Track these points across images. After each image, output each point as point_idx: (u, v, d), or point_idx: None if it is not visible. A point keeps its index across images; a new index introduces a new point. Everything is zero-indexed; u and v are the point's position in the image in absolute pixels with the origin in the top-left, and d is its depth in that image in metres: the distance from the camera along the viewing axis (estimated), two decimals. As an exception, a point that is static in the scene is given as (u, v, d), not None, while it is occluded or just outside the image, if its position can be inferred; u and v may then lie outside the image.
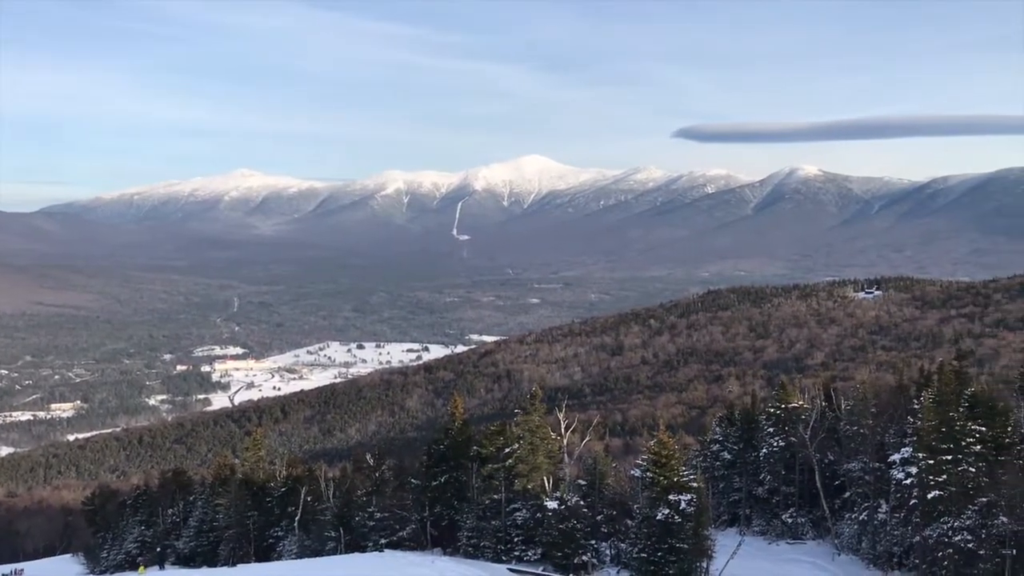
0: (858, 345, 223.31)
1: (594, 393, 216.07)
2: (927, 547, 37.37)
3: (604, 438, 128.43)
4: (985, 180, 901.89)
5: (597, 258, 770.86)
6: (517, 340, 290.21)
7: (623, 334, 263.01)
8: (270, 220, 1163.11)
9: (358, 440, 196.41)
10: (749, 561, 38.20)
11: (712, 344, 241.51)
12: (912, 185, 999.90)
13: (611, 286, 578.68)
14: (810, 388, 63.17)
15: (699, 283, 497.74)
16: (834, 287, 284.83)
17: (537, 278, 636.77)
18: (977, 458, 38.03)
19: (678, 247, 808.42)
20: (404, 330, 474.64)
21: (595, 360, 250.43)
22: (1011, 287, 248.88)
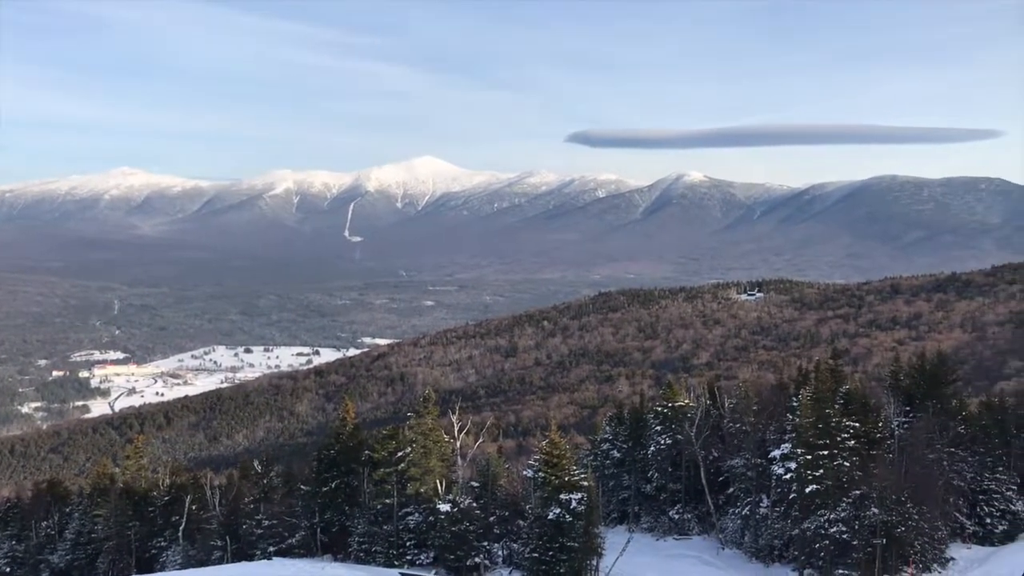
0: (741, 345, 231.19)
1: (488, 395, 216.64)
2: (805, 539, 38.96)
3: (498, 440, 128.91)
4: (859, 187, 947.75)
5: (491, 260, 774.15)
6: (411, 343, 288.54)
7: (517, 336, 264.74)
8: (153, 220, 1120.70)
9: (246, 447, 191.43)
10: (637, 557, 39.01)
11: (603, 345, 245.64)
12: (791, 192, 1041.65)
13: (505, 288, 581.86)
14: (696, 387, 64.86)
15: (591, 285, 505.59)
16: (719, 289, 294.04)
17: (431, 280, 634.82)
18: (851, 453, 39.91)
19: (571, 250, 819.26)
20: (294, 333, 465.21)
21: (489, 362, 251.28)
22: (882, 289, 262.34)
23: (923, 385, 48.68)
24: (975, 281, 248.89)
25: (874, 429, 42.82)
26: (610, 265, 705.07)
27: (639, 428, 54.12)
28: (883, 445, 43.02)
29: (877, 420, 44.08)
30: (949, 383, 50.19)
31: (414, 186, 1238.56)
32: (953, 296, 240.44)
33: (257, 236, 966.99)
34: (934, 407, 46.58)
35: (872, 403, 46.05)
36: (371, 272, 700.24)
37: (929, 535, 38.73)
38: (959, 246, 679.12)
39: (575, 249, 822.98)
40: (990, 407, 53.25)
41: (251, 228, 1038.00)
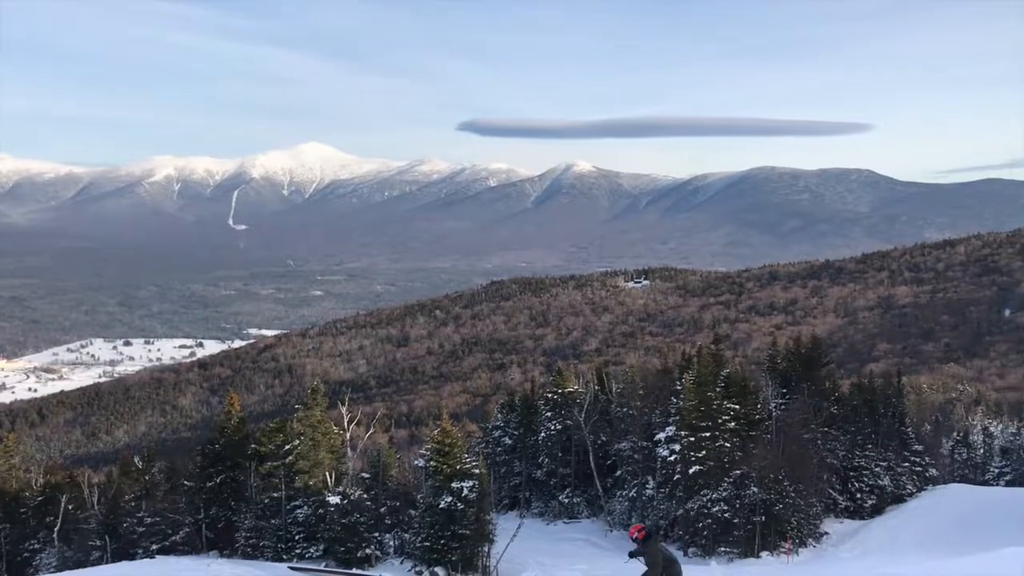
0: (629, 331, 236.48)
1: (380, 385, 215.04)
2: (689, 519, 40.26)
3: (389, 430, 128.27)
4: (739, 178, 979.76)
5: (382, 249, 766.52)
6: (299, 334, 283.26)
7: (409, 325, 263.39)
8: (23, 208, 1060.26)
9: (127, 443, 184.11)
10: (528, 543, 39.48)
11: (495, 333, 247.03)
12: (676, 182, 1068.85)
13: (397, 277, 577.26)
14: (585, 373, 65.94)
15: (483, 274, 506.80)
16: (607, 277, 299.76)
17: (320, 270, 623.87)
18: (732, 434, 41.42)
19: (463, 238, 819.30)
20: (176, 325, 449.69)
21: (381, 352, 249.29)
22: (761, 276, 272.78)
23: (799, 368, 50.85)
24: (847, 268, 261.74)
25: (753, 411, 44.49)
26: (502, 254, 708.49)
27: (530, 415, 54.72)
28: (762, 426, 44.75)
29: (756, 402, 45.80)
30: (823, 366, 52.56)
31: (301, 173, 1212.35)
32: (827, 282, 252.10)
33: (136, 224, 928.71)
34: (809, 389, 48.74)
35: (751, 386, 47.78)
36: (257, 261, 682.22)
37: (805, 511, 40.59)
38: (832, 234, 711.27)
39: (467, 238, 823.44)
40: (860, 388, 56.18)
41: (130, 216, 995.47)
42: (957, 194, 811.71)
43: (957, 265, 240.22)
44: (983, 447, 79.26)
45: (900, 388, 60.53)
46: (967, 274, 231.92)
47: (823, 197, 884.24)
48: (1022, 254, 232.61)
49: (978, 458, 78.72)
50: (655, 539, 19.39)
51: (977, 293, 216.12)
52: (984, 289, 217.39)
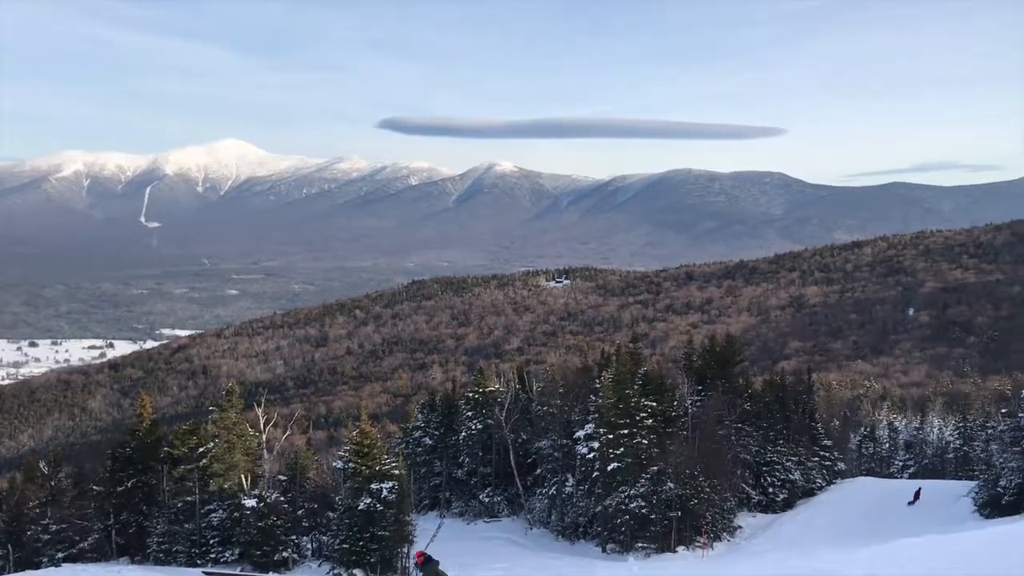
0: (550, 330, 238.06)
1: (297, 386, 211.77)
2: (607, 515, 40.73)
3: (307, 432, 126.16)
4: (657, 180, 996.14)
5: (300, 248, 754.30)
6: (214, 334, 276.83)
7: (328, 325, 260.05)
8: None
9: (32, 447, 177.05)
10: (448, 543, 39.38)
11: (417, 333, 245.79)
12: (596, 183, 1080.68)
13: (315, 276, 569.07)
14: (506, 372, 66.12)
15: (404, 273, 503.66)
16: (528, 277, 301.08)
17: (236, 268, 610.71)
18: (649, 431, 42.06)
19: (383, 237, 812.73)
20: (85, 325, 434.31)
21: (299, 352, 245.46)
22: (678, 276, 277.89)
23: (714, 366, 52.01)
24: (760, 268, 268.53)
25: (670, 408, 45.32)
26: (423, 253, 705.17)
27: (451, 414, 54.65)
28: (678, 423, 45.62)
29: (672, 399, 46.69)
30: (736, 363, 53.90)
31: (217, 170, 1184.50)
32: (741, 282, 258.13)
33: (43, 221, 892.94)
34: (723, 386, 49.91)
35: (668, 383, 48.70)
36: (170, 260, 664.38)
37: (719, 506, 41.50)
38: (747, 235, 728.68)
39: (388, 236, 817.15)
40: (772, 385, 57.71)
41: (36, 213, 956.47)
42: (865, 197, 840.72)
43: (864, 266, 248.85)
44: (888, 441, 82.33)
45: (810, 385, 62.40)
46: (874, 274, 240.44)
47: (738, 199, 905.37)
48: (925, 255, 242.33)
49: (884, 452, 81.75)
50: (432, 564, 22.46)
51: (883, 293, 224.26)
52: (889, 289, 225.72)
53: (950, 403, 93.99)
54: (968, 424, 70.58)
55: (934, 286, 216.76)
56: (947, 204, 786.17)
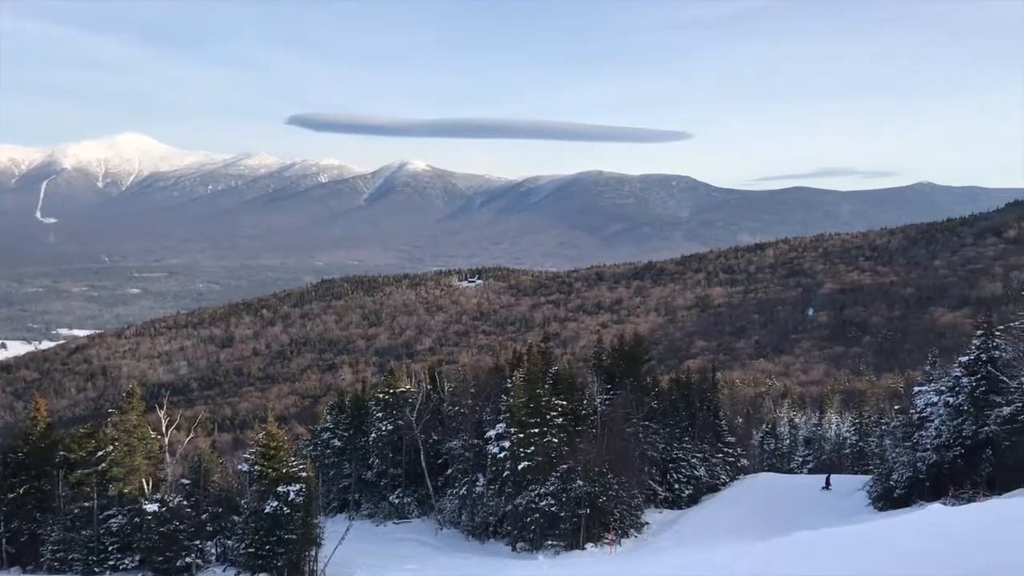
0: (462, 330, 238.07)
1: (202, 387, 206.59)
2: (518, 514, 40.94)
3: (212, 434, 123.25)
4: (569, 181, 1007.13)
5: (205, 245, 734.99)
6: (114, 334, 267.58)
7: (234, 325, 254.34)
8: None
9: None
10: (358, 545, 39.00)
11: (326, 333, 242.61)
12: (509, 183, 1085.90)
13: (221, 275, 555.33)
14: (418, 372, 65.76)
15: (313, 272, 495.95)
16: (441, 276, 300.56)
17: (138, 266, 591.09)
18: (559, 430, 42.46)
19: (292, 235, 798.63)
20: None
21: (203, 353, 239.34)
22: (589, 276, 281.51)
23: (622, 365, 52.82)
24: (668, 269, 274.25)
25: (580, 406, 45.86)
26: (333, 252, 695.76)
27: (361, 415, 54.08)
28: (588, 421, 46.20)
29: (582, 398, 47.26)
30: (644, 362, 54.86)
31: (118, 164, 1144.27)
32: (649, 283, 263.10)
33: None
34: (632, 384, 50.74)
35: (578, 382, 49.28)
36: (67, 257, 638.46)
37: (627, 503, 42.17)
38: (655, 237, 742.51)
39: (296, 235, 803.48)
40: (678, 383, 59.03)
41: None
42: (768, 201, 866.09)
43: (766, 267, 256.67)
44: (789, 437, 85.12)
45: (715, 383, 64.03)
46: (775, 276, 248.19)
47: (647, 202, 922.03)
48: (824, 258, 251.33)
49: (784, 448, 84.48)
50: None
51: (784, 294, 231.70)
52: (790, 290, 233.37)
53: (847, 400, 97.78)
54: (863, 420, 73.47)
55: (832, 287, 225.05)
56: (845, 208, 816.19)
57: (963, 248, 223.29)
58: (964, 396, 38.90)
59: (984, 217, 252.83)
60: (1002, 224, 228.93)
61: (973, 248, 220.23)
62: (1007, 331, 38.22)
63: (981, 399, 38.02)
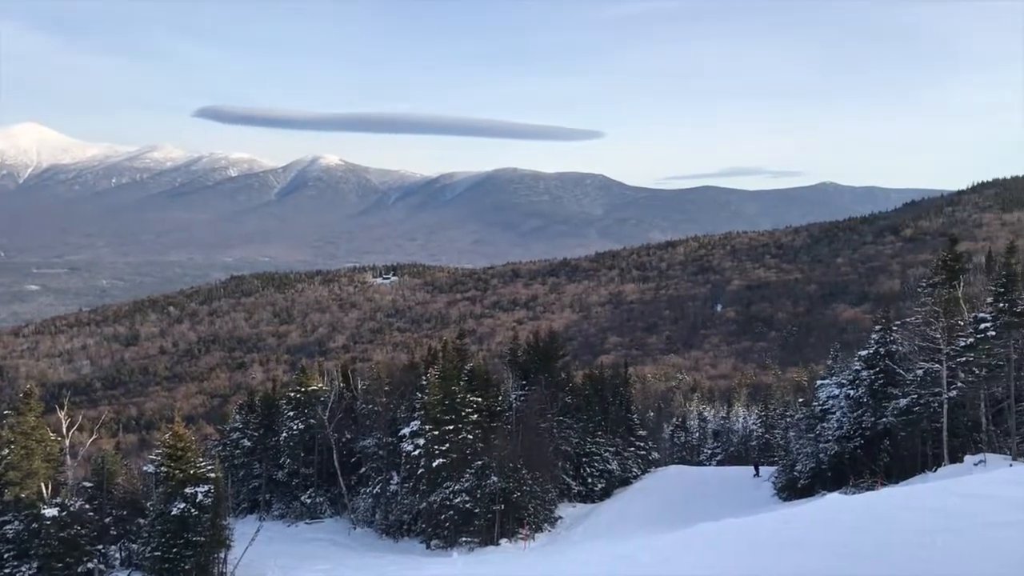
0: (376, 328, 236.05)
1: (106, 387, 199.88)
2: (432, 511, 40.87)
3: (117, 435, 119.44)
4: (484, 178, 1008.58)
5: (109, 241, 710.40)
6: (11, 332, 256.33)
7: (139, 323, 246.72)
8: None
9: None
10: (268, 546, 38.37)
11: (236, 331, 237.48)
12: (424, 179, 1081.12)
13: (125, 271, 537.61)
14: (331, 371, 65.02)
15: (222, 268, 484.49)
16: (355, 273, 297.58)
17: (36, 262, 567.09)
18: (474, 426, 42.53)
19: (200, 230, 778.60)
20: None
21: (107, 352, 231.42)
22: (505, 273, 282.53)
23: (537, 361, 53.24)
24: (582, 267, 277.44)
25: (495, 403, 46.02)
26: (243, 247, 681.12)
27: (272, 415, 53.22)
28: (503, 417, 46.40)
29: (498, 394, 47.43)
30: (559, 358, 55.40)
31: (15, 156, 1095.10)
32: (564, 280, 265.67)
33: None
34: (546, 380, 51.19)
35: (494, 379, 49.43)
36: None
37: (541, 497, 42.53)
38: (569, 235, 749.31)
39: (205, 230, 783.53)
40: (592, 378, 59.83)
41: None
42: (678, 199, 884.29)
43: (677, 264, 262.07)
44: (698, 430, 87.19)
45: (627, 378, 65.13)
46: (685, 272, 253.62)
47: (561, 199, 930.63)
48: (732, 255, 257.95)
49: (694, 440, 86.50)
50: None
51: (694, 290, 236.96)
52: (700, 286, 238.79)
53: (753, 394, 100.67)
54: (769, 413, 75.75)
55: (740, 284, 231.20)
56: (752, 207, 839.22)
57: (863, 246, 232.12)
58: (864, 389, 40.45)
59: (883, 216, 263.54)
60: (899, 223, 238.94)
61: (873, 246, 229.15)
62: (903, 326, 39.86)
63: (879, 391, 39.60)
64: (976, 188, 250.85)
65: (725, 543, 14.36)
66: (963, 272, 37.87)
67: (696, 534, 16.44)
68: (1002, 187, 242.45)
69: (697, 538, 15.81)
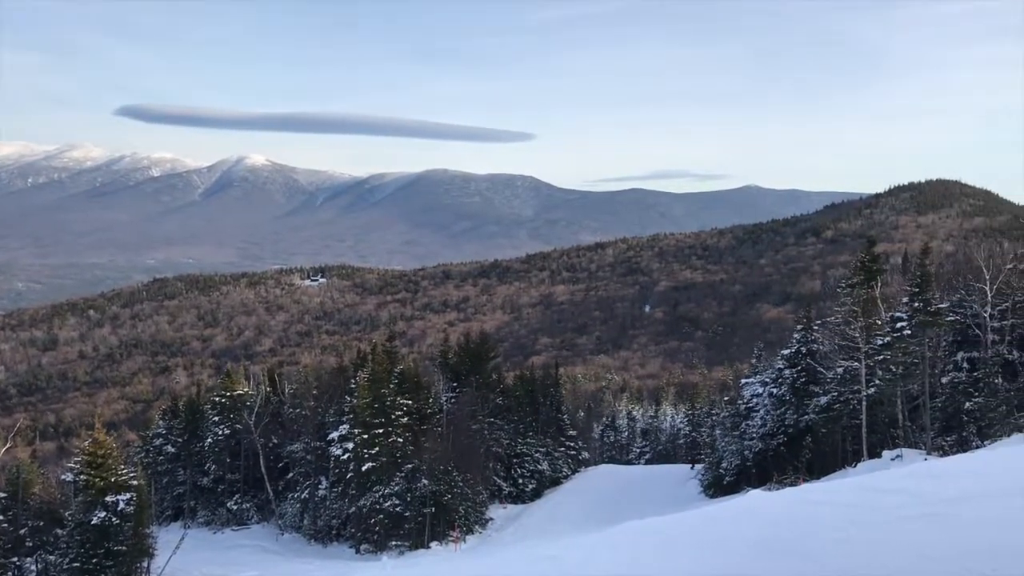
0: (305, 330, 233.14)
1: (22, 394, 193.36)
2: (362, 515, 40.56)
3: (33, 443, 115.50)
4: (415, 179, 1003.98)
5: (25, 242, 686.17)
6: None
7: (57, 327, 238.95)
8: None
9: None
10: (193, 554, 37.56)
11: (159, 334, 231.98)
12: (353, 180, 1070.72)
13: (42, 274, 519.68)
14: (257, 374, 64.10)
15: (144, 271, 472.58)
16: (282, 275, 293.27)
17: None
18: (404, 429, 42.35)
19: (121, 232, 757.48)
20: None
21: (23, 357, 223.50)
22: (435, 275, 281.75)
23: (468, 362, 53.30)
24: (513, 268, 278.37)
25: (425, 405, 45.94)
26: (166, 249, 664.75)
27: (196, 420, 52.27)
28: (433, 420, 46.32)
29: (428, 397, 47.36)
30: (490, 360, 55.52)
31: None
32: (495, 281, 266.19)
33: None
34: (477, 382, 51.29)
35: (424, 381, 49.32)
36: None
37: (472, 500, 42.56)
38: (500, 236, 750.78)
39: (126, 231, 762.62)
40: (523, 380, 60.15)
41: None
42: (607, 201, 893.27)
43: (607, 266, 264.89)
44: (627, 430, 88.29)
45: (557, 379, 65.60)
46: (615, 274, 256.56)
47: (492, 201, 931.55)
48: (660, 257, 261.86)
49: (623, 440, 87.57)
50: None
51: (623, 291, 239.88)
52: (629, 287, 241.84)
53: (681, 393, 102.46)
54: (696, 412, 77.08)
55: (667, 285, 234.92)
56: (679, 209, 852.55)
57: (786, 247, 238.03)
58: (786, 387, 41.50)
59: (804, 219, 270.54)
60: (820, 225, 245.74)
61: (795, 247, 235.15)
62: (824, 325, 41.04)
63: (801, 389, 40.69)
64: (893, 191, 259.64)
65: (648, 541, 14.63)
66: (880, 273, 39.16)
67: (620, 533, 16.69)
68: (917, 190, 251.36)
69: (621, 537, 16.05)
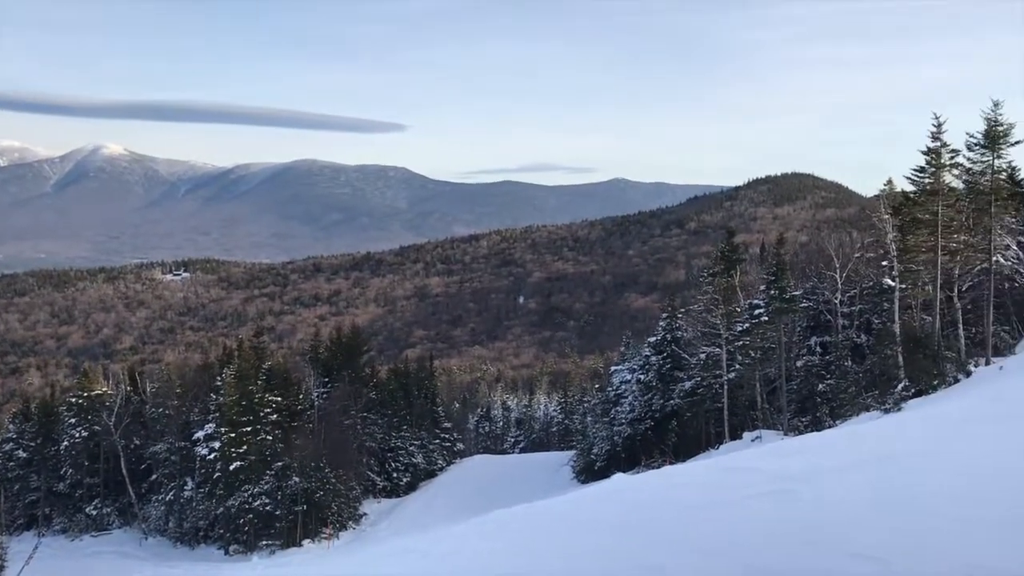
0: (167, 327, 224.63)
1: None
2: (230, 516, 39.49)
3: None
4: (282, 169, 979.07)
5: None
6: None
7: None
8: None
9: None
10: (49, 562, 35.63)
11: (8, 333, 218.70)
12: (217, 170, 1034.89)
13: None
14: (117, 373, 61.35)
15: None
16: (142, 270, 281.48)
17: None
18: (274, 426, 41.48)
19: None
20: None
21: None
22: (306, 268, 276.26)
23: (340, 357, 52.62)
24: (387, 260, 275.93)
25: (296, 402, 45.08)
26: (15, 243, 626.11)
27: (51, 423, 49.70)
28: (304, 416, 45.52)
29: (298, 393, 46.48)
30: (363, 354, 55.03)
31: None
32: (368, 274, 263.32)
33: None
34: (350, 376, 50.70)
35: (294, 377, 48.37)
36: None
37: (345, 496, 42.11)
38: (373, 228, 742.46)
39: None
40: (397, 373, 59.83)
41: None
42: (481, 193, 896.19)
43: (481, 258, 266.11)
44: (502, 419, 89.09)
45: (432, 371, 65.57)
46: (489, 265, 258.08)
47: (364, 192, 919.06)
48: (533, 248, 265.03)
49: (498, 430, 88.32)
50: None
51: (497, 283, 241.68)
52: (503, 279, 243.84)
53: (554, 381, 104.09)
54: (569, 400, 78.54)
55: (540, 276, 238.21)
56: (551, 201, 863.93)
57: (652, 239, 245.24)
58: (653, 373, 42.84)
59: (669, 211, 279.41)
60: (684, 217, 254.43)
61: (661, 239, 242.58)
62: (688, 313, 42.57)
63: (667, 375, 42.10)
64: (751, 184, 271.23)
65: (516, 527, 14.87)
66: (740, 262, 40.90)
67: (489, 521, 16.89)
68: (774, 183, 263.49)
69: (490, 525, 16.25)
